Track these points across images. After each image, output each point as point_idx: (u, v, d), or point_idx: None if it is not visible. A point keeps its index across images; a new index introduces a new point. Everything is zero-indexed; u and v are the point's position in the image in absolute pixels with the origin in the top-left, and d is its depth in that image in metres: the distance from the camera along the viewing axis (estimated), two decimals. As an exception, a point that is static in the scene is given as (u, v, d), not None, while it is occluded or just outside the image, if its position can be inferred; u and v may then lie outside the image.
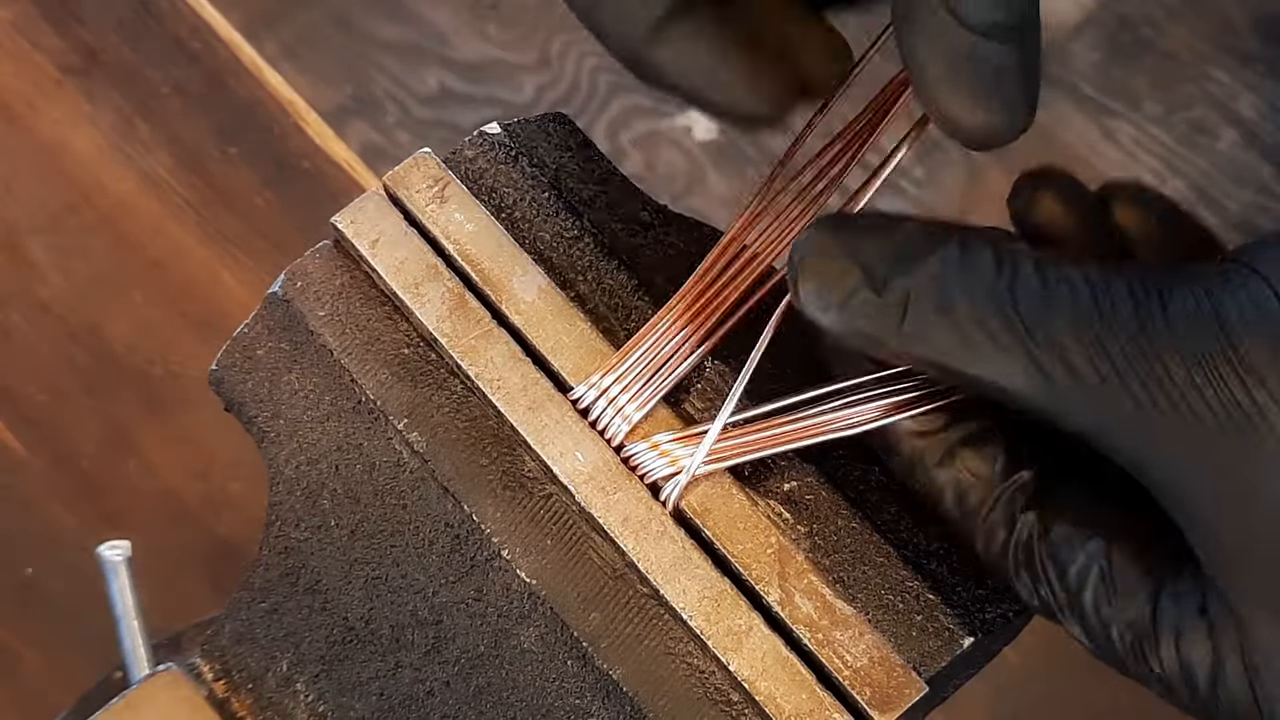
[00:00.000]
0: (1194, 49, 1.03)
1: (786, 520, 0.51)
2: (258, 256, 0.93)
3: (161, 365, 0.90)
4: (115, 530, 0.84)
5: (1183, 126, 1.01)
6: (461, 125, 1.00)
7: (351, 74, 1.00)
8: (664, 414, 0.51)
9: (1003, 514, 0.48)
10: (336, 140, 0.97)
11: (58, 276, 0.91)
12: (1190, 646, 0.45)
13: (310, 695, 0.53)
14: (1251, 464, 0.43)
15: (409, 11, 1.03)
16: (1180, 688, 0.45)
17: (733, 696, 0.49)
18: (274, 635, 0.53)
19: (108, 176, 0.94)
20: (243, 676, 0.53)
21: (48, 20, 0.98)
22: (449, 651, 0.51)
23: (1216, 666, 0.44)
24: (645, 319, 0.52)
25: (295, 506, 0.53)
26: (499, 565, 0.51)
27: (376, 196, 0.53)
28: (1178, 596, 0.45)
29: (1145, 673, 0.46)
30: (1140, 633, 0.45)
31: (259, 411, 0.53)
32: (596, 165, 0.55)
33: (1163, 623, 0.45)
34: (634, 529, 0.50)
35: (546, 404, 0.51)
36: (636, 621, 0.50)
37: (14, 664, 0.84)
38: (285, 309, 0.53)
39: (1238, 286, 0.43)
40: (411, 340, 0.52)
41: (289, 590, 0.53)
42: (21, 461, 0.87)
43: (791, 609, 0.49)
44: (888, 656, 0.49)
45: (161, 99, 0.96)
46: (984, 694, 0.86)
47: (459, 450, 0.51)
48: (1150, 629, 0.45)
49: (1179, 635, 0.45)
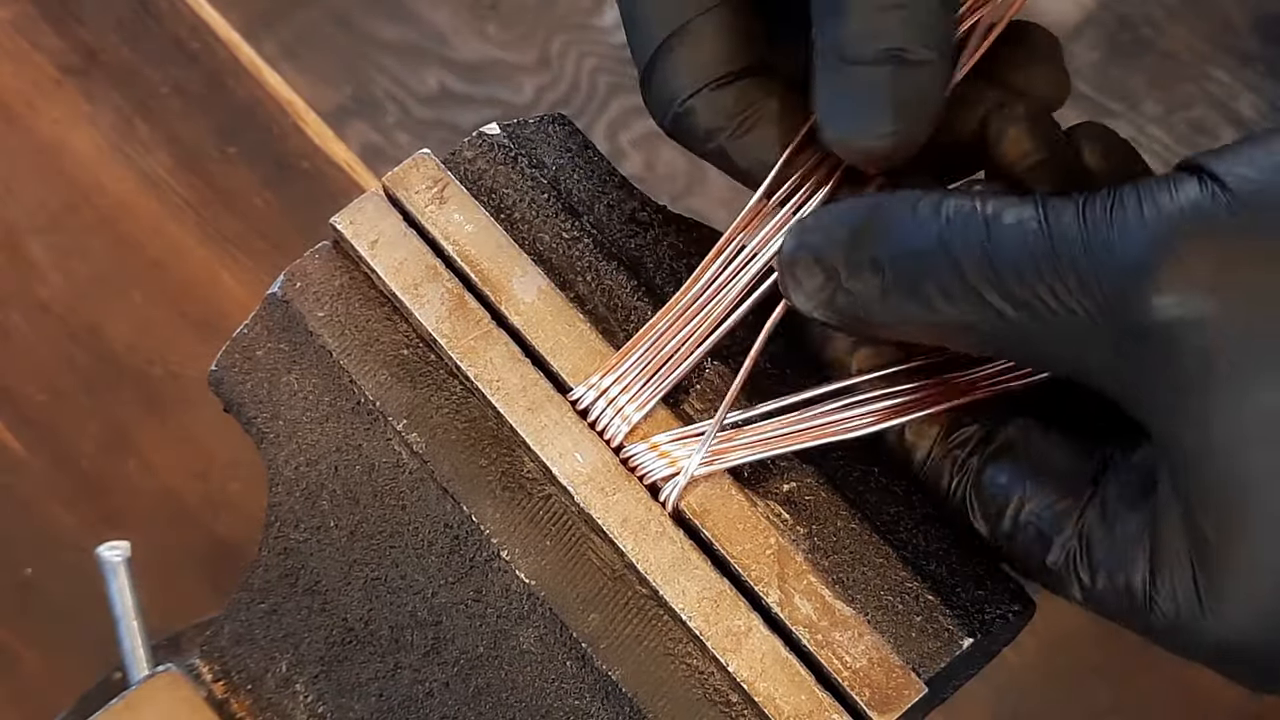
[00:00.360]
0: (1194, 49, 1.03)
1: (786, 521, 0.51)
2: (257, 257, 0.93)
3: (161, 365, 0.90)
4: (114, 530, 0.84)
5: (1182, 126, 1.01)
6: (461, 126, 1.00)
7: (351, 74, 1.00)
8: (663, 414, 0.51)
9: (948, 462, 0.50)
10: (336, 140, 0.97)
11: (57, 276, 0.91)
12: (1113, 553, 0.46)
13: (309, 696, 0.53)
14: (1201, 377, 0.43)
15: (409, 11, 1.03)
16: (1070, 580, 0.47)
17: (732, 697, 0.49)
18: (273, 636, 0.53)
19: (107, 176, 0.94)
20: (242, 677, 0.53)
21: (47, 20, 0.98)
22: (448, 652, 0.51)
23: (1151, 575, 0.45)
24: (645, 319, 0.52)
25: (294, 507, 0.53)
26: (498, 566, 0.51)
27: (376, 197, 0.53)
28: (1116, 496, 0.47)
29: (1064, 578, 0.47)
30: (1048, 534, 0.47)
31: (258, 412, 0.53)
32: (596, 166, 0.55)
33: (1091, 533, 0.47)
34: (633, 530, 0.50)
35: (546, 405, 0.51)
36: (636, 622, 0.50)
37: (13, 664, 0.84)
38: (284, 310, 0.53)
39: (1182, 190, 0.44)
40: (411, 341, 0.52)
41: (288, 591, 0.53)
42: (21, 461, 0.87)
43: (791, 610, 0.49)
44: (887, 657, 0.49)
45: (161, 99, 0.96)
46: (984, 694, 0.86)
47: (458, 451, 0.51)
48: (1078, 543, 0.47)
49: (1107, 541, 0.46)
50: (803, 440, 0.50)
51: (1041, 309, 0.44)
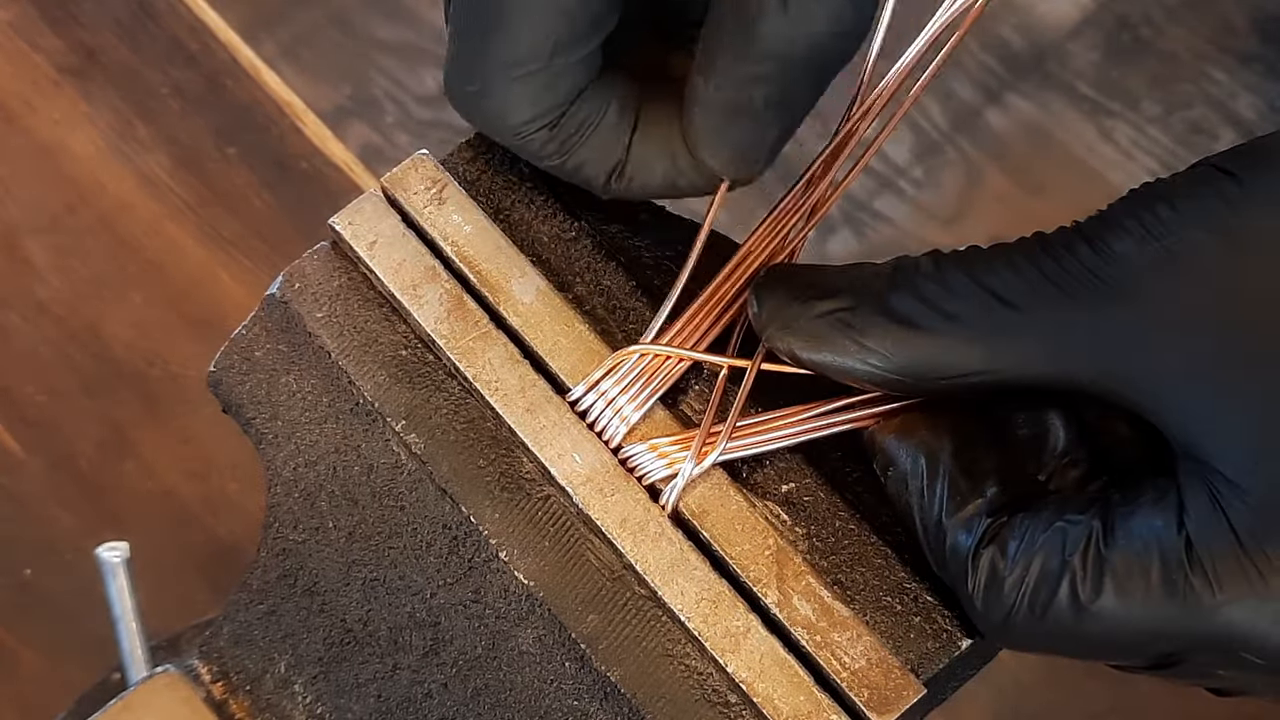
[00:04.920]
0: (1193, 49, 1.03)
1: (784, 522, 0.51)
2: (256, 257, 0.93)
3: (160, 366, 0.90)
4: (113, 531, 0.84)
5: (1181, 126, 1.01)
6: (460, 126, 0.99)
7: (350, 75, 1.00)
8: (662, 415, 0.51)
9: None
10: (335, 141, 0.97)
11: (56, 277, 0.91)
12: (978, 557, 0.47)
13: (308, 697, 0.53)
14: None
15: (408, 12, 1.03)
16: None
17: (730, 698, 0.49)
18: (272, 637, 0.53)
19: (106, 177, 0.94)
20: (241, 678, 0.53)
21: (46, 20, 0.98)
22: (447, 653, 0.51)
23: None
24: (643, 320, 0.52)
25: (293, 508, 0.53)
26: (497, 567, 0.51)
27: (375, 198, 0.53)
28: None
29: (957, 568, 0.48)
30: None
31: (257, 413, 0.53)
32: (594, 166, 0.55)
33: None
34: (632, 530, 0.50)
35: (544, 405, 0.51)
36: (634, 623, 0.50)
37: (12, 665, 0.84)
38: (283, 310, 0.53)
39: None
40: (409, 342, 0.52)
41: (287, 592, 0.53)
42: (20, 462, 0.87)
43: (789, 610, 0.49)
44: (886, 658, 0.49)
45: (160, 99, 0.96)
46: (983, 695, 0.86)
47: (457, 452, 0.51)
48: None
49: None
50: (800, 435, 0.50)
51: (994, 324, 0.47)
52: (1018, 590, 0.46)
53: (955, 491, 0.48)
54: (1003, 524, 0.47)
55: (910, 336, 0.47)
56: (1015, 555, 0.46)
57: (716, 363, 0.51)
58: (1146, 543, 0.45)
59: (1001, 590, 0.46)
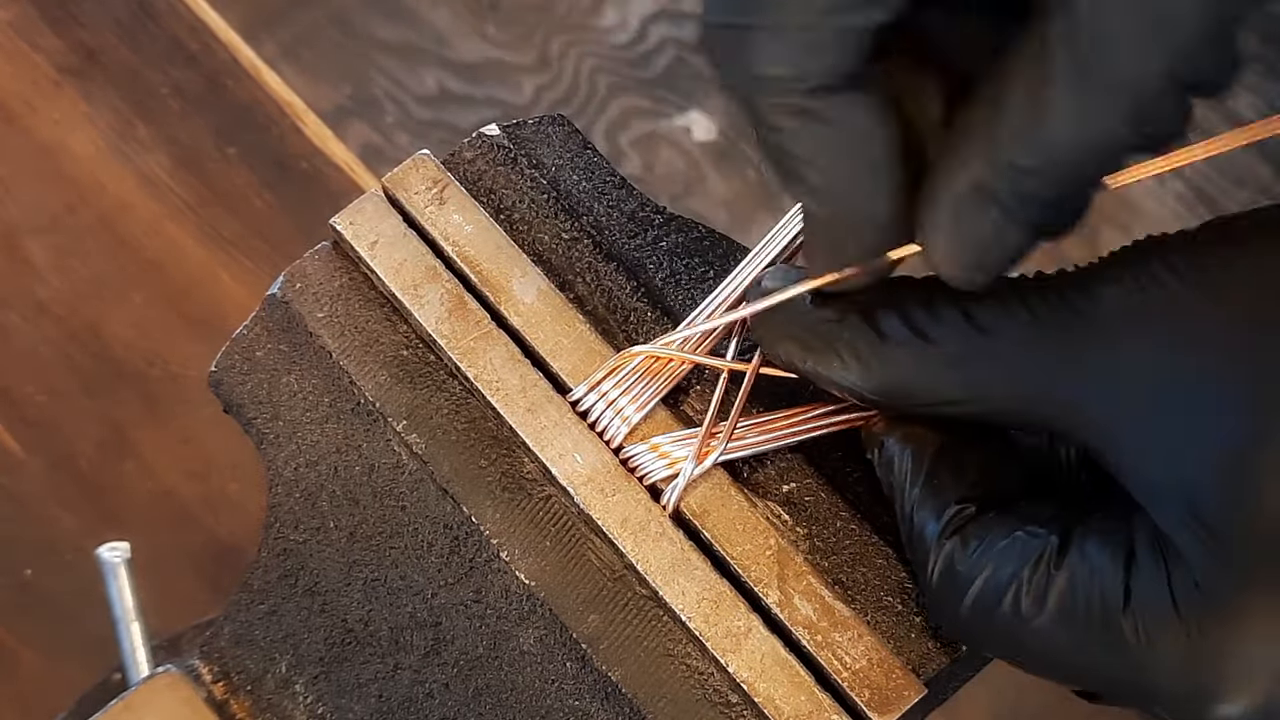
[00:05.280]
0: (1193, 49, 1.03)
1: (786, 522, 0.51)
2: (256, 257, 0.93)
3: (160, 366, 0.90)
4: (114, 531, 0.84)
5: (1181, 126, 1.00)
6: (460, 126, 1.00)
7: (350, 75, 1.00)
8: (663, 415, 0.51)
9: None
10: (335, 141, 0.97)
11: (56, 277, 0.91)
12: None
13: (309, 697, 0.53)
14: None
15: (408, 12, 1.03)
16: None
17: (731, 698, 0.49)
18: (273, 637, 0.53)
19: (106, 177, 0.94)
20: (241, 678, 0.53)
21: (46, 21, 0.98)
22: (448, 653, 0.51)
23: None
24: (644, 320, 0.52)
25: (294, 508, 0.53)
26: (498, 567, 0.51)
27: (375, 198, 0.53)
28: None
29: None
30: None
31: (258, 413, 0.53)
32: (595, 166, 0.55)
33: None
34: (633, 530, 0.50)
35: (545, 405, 0.51)
36: (635, 623, 0.50)
37: (13, 665, 0.84)
38: (284, 310, 0.53)
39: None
40: (411, 342, 0.52)
41: (288, 592, 0.53)
42: (20, 462, 0.87)
43: (790, 611, 0.49)
44: (887, 658, 0.49)
45: (160, 100, 0.96)
46: (983, 694, 0.86)
47: (458, 452, 0.51)
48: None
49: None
50: (799, 434, 0.50)
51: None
52: (968, 587, 0.46)
53: (935, 481, 0.48)
54: (970, 520, 0.47)
55: (889, 356, 0.47)
56: (973, 553, 0.46)
57: (717, 365, 0.51)
58: (1093, 572, 0.45)
59: (955, 583, 0.46)
